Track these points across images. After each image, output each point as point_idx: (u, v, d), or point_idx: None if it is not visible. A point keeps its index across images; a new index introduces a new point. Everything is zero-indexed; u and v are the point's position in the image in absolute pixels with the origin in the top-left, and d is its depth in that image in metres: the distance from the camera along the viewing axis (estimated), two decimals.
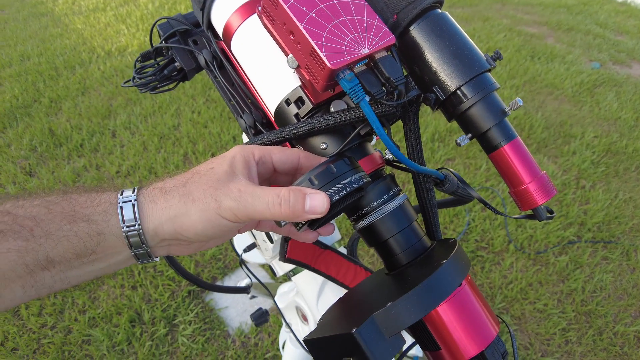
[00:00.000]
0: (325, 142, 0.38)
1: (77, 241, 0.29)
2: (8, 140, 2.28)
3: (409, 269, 0.36)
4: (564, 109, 2.70)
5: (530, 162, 0.37)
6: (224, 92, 0.45)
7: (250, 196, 0.31)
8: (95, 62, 3.03)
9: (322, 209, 0.31)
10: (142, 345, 1.42)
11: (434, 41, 0.37)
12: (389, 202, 0.37)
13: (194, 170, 0.33)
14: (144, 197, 0.32)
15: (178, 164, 2.12)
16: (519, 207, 0.38)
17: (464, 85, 0.36)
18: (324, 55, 0.30)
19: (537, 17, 4.19)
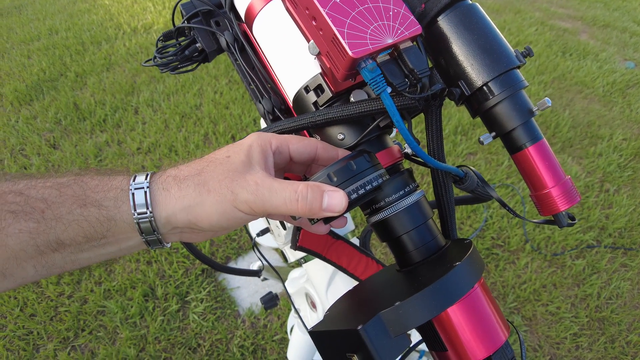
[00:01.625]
0: (343, 133, 0.37)
1: (87, 226, 0.29)
2: (34, 112, 2.33)
3: (421, 268, 0.35)
4: (593, 109, 2.61)
5: (554, 165, 0.36)
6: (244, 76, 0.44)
7: (267, 190, 0.30)
8: (121, 38, 3.06)
9: (340, 208, 0.30)
10: (154, 320, 1.46)
11: (462, 33, 0.35)
12: (405, 198, 0.36)
13: (209, 158, 0.32)
14: (157, 185, 0.31)
15: (198, 143, 2.14)
16: (540, 211, 0.37)
17: (491, 81, 0.35)
18: (346, 43, 0.29)
19: (572, 12, 4.03)
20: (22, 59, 2.80)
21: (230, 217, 0.31)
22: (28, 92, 2.47)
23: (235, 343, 1.41)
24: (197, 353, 1.40)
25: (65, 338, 1.42)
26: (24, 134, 2.17)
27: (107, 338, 1.43)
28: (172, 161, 2.03)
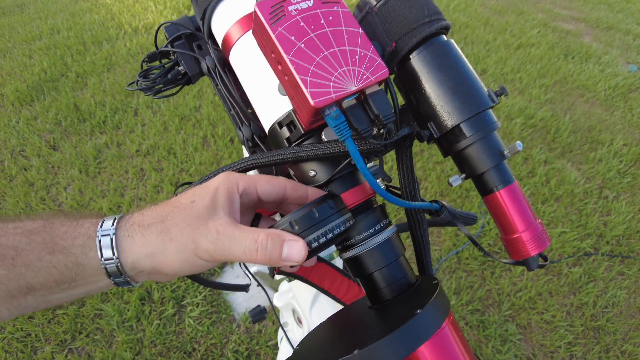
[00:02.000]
0: (315, 170, 0.37)
1: (56, 272, 0.30)
2: (35, 113, 2.35)
3: (391, 306, 0.35)
4: (594, 113, 2.60)
5: (525, 209, 0.36)
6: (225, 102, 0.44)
7: (228, 239, 0.31)
8: (122, 38, 3.07)
9: (299, 258, 0.31)
10: (150, 323, 1.47)
11: (433, 73, 0.35)
12: (377, 236, 0.36)
13: (174, 203, 0.33)
14: (123, 231, 0.32)
15: (197, 146, 2.14)
16: (510, 255, 0.37)
17: (462, 123, 0.35)
18: (308, 93, 0.29)
19: (576, 13, 4.00)
20: (24, 58, 2.81)
21: (192, 264, 0.32)
22: (29, 92, 2.48)
23: (230, 348, 1.42)
24: (192, 357, 1.41)
25: (62, 341, 1.44)
26: (25, 135, 2.18)
27: (103, 341, 1.44)
28: (169, 163, 2.03)
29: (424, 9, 0.35)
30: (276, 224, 0.33)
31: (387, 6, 0.36)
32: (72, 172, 1.99)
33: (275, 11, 0.30)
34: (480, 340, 1.45)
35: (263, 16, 0.30)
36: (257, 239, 0.31)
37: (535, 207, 1.93)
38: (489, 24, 3.55)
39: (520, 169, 2.11)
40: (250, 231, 0.31)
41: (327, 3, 0.32)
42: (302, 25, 0.31)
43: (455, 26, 3.44)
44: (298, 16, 0.31)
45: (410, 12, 0.35)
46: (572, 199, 1.98)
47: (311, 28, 0.31)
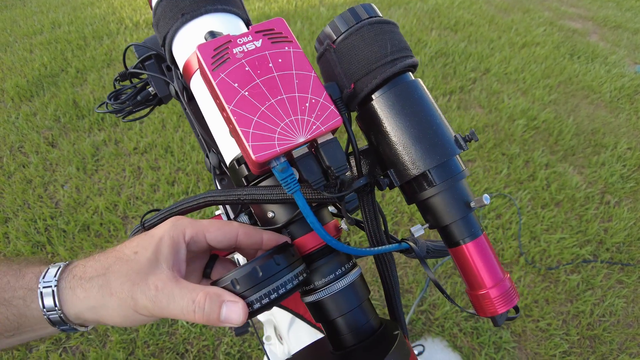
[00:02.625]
0: (273, 212, 0.35)
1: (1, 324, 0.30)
2: (34, 109, 2.34)
3: (354, 353, 0.34)
4: (599, 115, 2.56)
5: (493, 264, 0.33)
6: (193, 127, 0.43)
7: (166, 297, 0.30)
8: (123, 33, 3.05)
9: (238, 320, 0.30)
10: (143, 325, 1.47)
11: (395, 118, 0.32)
12: (339, 281, 0.34)
13: (117, 254, 0.32)
14: (64, 283, 0.32)
15: (194, 145, 2.13)
16: (477, 311, 0.35)
17: (426, 172, 0.33)
18: (250, 146, 0.28)
19: (583, 11, 3.94)
20: (25, 53, 2.80)
21: (132, 319, 0.31)
22: (29, 87, 2.47)
23: (222, 350, 1.41)
24: (184, 358, 1.41)
25: (57, 339, 1.44)
26: (23, 131, 2.18)
27: (97, 341, 1.44)
28: (166, 162, 2.03)
29: (387, 46, 0.33)
30: (220, 279, 0.31)
31: (346, 42, 0.33)
32: (70, 169, 1.99)
33: (218, 54, 0.28)
34: (473, 347, 1.44)
35: (204, 61, 0.28)
36: (195, 299, 0.30)
37: (534, 211, 1.90)
38: (493, 22, 3.50)
39: (521, 172, 2.09)
40: (190, 289, 0.30)
41: (277, 43, 0.30)
42: (247, 69, 0.29)
43: (460, 24, 3.39)
44: (243, 59, 0.29)
45: (371, 49, 0.32)
46: (572, 204, 1.95)
47: (257, 73, 0.29)
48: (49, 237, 1.70)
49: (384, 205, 1.88)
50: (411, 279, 1.60)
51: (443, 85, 2.63)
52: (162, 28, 0.38)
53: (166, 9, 0.37)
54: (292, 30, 3.07)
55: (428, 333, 1.47)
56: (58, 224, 1.75)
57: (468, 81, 2.70)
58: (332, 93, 0.33)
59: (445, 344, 1.45)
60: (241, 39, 0.30)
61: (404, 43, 0.34)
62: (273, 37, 0.30)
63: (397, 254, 1.68)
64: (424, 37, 3.11)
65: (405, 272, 1.63)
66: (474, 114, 2.44)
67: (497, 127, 2.38)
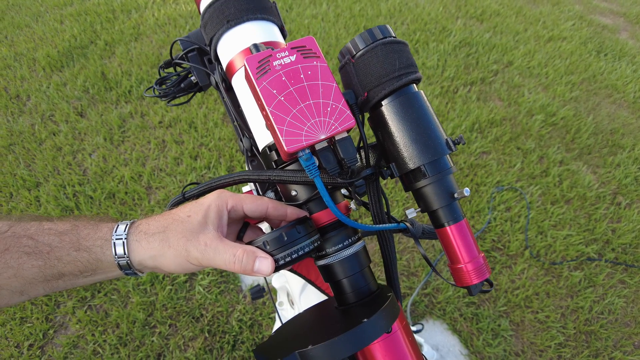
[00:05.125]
0: (296, 190, 0.43)
1: (81, 264, 0.39)
2: (65, 79, 2.44)
3: (353, 309, 0.42)
4: (620, 116, 2.54)
5: (470, 244, 0.41)
6: (229, 113, 0.49)
7: (213, 251, 0.38)
8: (151, 8, 3.10)
9: (267, 272, 0.38)
10: (163, 288, 1.57)
11: (398, 122, 0.40)
12: (345, 250, 0.42)
13: (174, 216, 0.40)
14: (132, 237, 0.40)
15: (217, 121, 2.20)
16: (455, 282, 0.42)
17: (420, 167, 0.40)
18: (283, 140, 0.35)
19: (615, 6, 3.83)
20: (55, 24, 2.89)
21: (184, 267, 0.40)
22: (59, 58, 2.56)
23: (234, 317, 1.51)
24: (199, 322, 1.51)
25: (83, 298, 1.56)
26: (54, 101, 2.28)
27: (119, 301, 1.55)
28: (190, 137, 2.11)
29: (395, 63, 0.40)
30: (255, 240, 0.40)
31: (363, 58, 0.40)
32: (98, 139, 2.09)
33: (262, 65, 0.35)
34: (472, 332, 1.51)
35: (251, 71, 0.35)
36: (236, 254, 0.38)
37: (544, 207, 1.94)
38: (521, 14, 3.45)
39: (535, 167, 2.11)
40: (232, 246, 0.39)
41: (308, 58, 0.37)
42: (283, 79, 0.36)
43: (486, 14, 3.35)
44: (281, 71, 0.36)
45: (382, 66, 0.40)
46: (583, 203, 1.98)
47: (291, 82, 0.36)
48: (77, 202, 1.81)
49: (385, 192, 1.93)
50: (417, 263, 1.67)
51: (464, 76, 2.63)
52: (209, 30, 0.45)
53: (213, 15, 0.44)
54: (320, 11, 3.08)
55: (430, 315, 1.54)
56: (85, 191, 1.86)
57: (490, 73, 2.69)
58: (349, 99, 0.40)
59: (445, 326, 1.52)
60: (279, 53, 0.37)
61: (410, 60, 0.41)
62: (305, 52, 0.37)
63: (397, 236, 1.74)
64: (448, 25, 3.09)
65: (413, 257, 1.69)
66: (493, 107, 2.45)
67: (515, 121, 2.39)
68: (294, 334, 0.42)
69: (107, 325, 1.51)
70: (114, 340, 1.45)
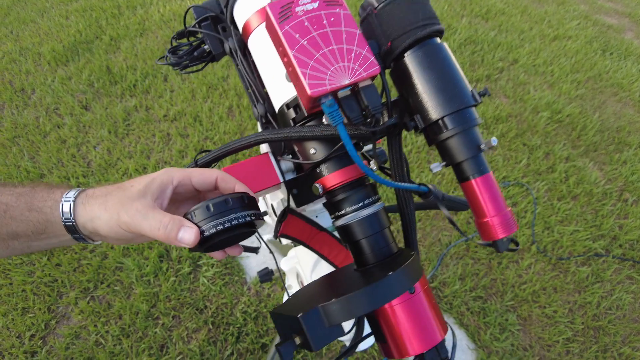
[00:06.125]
0: (315, 148, 0.41)
1: (32, 225, 0.41)
2: (69, 73, 2.44)
3: (373, 269, 0.40)
4: (626, 114, 2.53)
5: (497, 197, 0.39)
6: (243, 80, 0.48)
7: (141, 216, 0.39)
8: (156, 4, 3.11)
9: (190, 242, 0.38)
10: (166, 280, 1.56)
11: (422, 72, 0.38)
12: (364, 209, 0.41)
13: (120, 185, 0.42)
14: (79, 199, 0.41)
15: (222, 115, 2.20)
16: (482, 236, 0.40)
17: (445, 117, 0.38)
18: (307, 84, 0.33)
19: (621, 7, 3.83)
20: (61, 19, 2.89)
21: (115, 231, 0.40)
22: (64, 52, 2.57)
23: (239, 308, 1.50)
24: (203, 314, 1.50)
25: (85, 288, 1.55)
26: (59, 94, 2.28)
27: (122, 292, 1.54)
28: (195, 130, 2.10)
29: (419, 14, 0.39)
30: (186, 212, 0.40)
31: (386, 9, 0.39)
32: (102, 132, 2.08)
33: (284, 11, 0.34)
34: (479, 326, 1.49)
35: (273, 15, 0.34)
36: (162, 220, 0.38)
37: (550, 203, 1.92)
38: (526, 12, 3.44)
39: (541, 163, 2.10)
40: (162, 214, 0.39)
41: (330, 5, 0.36)
42: (306, 24, 0.35)
43: (491, 12, 3.34)
44: (303, 17, 0.35)
45: (406, 16, 0.39)
46: (589, 199, 1.96)
47: (314, 27, 0.35)
48: None
49: None
50: (423, 257, 1.65)
51: (470, 73, 2.62)
52: None
53: None
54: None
55: None
56: (89, 183, 1.85)
57: (495, 70, 2.69)
58: (372, 49, 0.38)
59: (452, 320, 1.50)
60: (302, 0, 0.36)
61: (433, 13, 0.40)
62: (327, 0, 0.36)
63: None
64: (454, 24, 3.08)
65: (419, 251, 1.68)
66: (499, 103, 2.44)
67: (521, 117, 2.38)
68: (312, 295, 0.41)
69: (110, 316, 1.50)
70: (116, 331, 1.44)
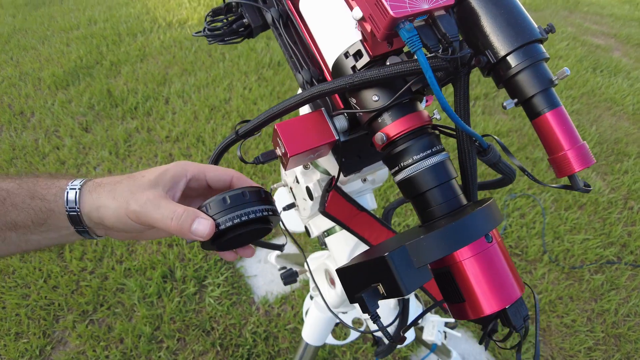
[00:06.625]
0: (378, 95, 0.40)
1: (34, 213, 0.37)
2: (70, 96, 2.43)
3: (442, 221, 0.37)
4: (622, 126, 2.57)
5: (571, 130, 0.38)
6: (286, 49, 0.47)
7: (153, 206, 0.36)
8: (156, 31, 3.16)
9: (205, 234, 0.36)
10: (170, 300, 1.50)
11: (489, 8, 0.38)
12: (430, 158, 0.39)
13: (131, 175, 0.39)
14: (86, 187, 0.38)
15: (225, 135, 2.19)
16: (556, 173, 0.39)
17: (514, 51, 0.38)
18: (388, 5, 0.32)
19: (606, 28, 3.97)
20: (62, 46, 2.92)
21: (122, 221, 0.37)
22: (65, 77, 2.57)
23: (248, 329, 1.44)
24: (210, 336, 1.43)
25: (84, 311, 1.48)
26: (59, 117, 2.27)
27: (124, 314, 1.47)
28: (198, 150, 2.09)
29: None
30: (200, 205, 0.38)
31: None
32: (103, 153, 2.05)
33: None
34: None
35: None
36: (175, 211, 0.36)
37: (558, 213, 1.91)
38: None
39: (545, 175, 2.10)
40: (175, 204, 0.36)
41: None
42: None
43: None
44: None
45: None
46: (596, 208, 1.96)
47: None
48: None
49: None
50: None
51: None
52: None
53: None
54: None
55: None
56: None
57: (492, 89, 2.73)
58: None
59: (470, 334, 1.45)
60: None
61: None
62: None
63: None
64: None
65: None
66: (499, 119, 2.47)
67: (521, 132, 2.40)
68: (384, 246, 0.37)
69: (110, 340, 1.42)
70: (117, 356, 1.36)
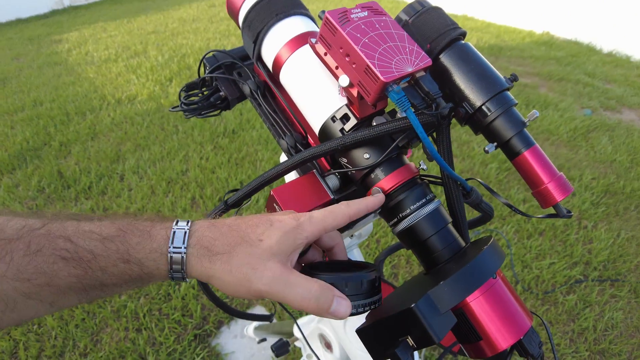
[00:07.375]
0: (369, 153, 0.42)
1: (129, 277, 0.34)
2: (16, 181, 2.32)
3: (448, 265, 0.39)
4: (561, 153, 2.78)
5: (548, 165, 0.42)
6: (267, 117, 0.49)
7: (283, 284, 0.34)
8: (106, 109, 3.14)
9: (345, 315, 0.34)
10: None
11: (461, 66, 0.43)
12: (426, 206, 0.41)
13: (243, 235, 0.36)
14: (192, 250, 0.35)
15: (186, 207, 2.14)
16: (541, 205, 0.42)
17: (488, 101, 0.42)
18: (378, 71, 0.35)
19: (530, 69, 4.41)
20: (5, 129, 2.82)
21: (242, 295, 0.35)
22: (10, 160, 2.46)
23: None
24: None
25: None
26: (5, 202, 2.13)
27: None
28: None
29: (447, 20, 0.45)
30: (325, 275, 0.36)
31: (419, 19, 0.45)
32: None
33: (341, 17, 0.39)
34: None
35: (334, 20, 0.38)
36: (312, 289, 0.34)
37: (521, 242, 1.99)
38: None
39: (502, 209, 2.20)
40: (304, 279, 0.34)
41: (377, 14, 0.41)
42: (363, 27, 0.39)
43: None
44: (359, 21, 0.39)
45: (438, 22, 0.45)
46: (554, 232, 2.06)
47: (370, 29, 0.39)
48: None
49: (383, 235, 1.91)
50: None
51: None
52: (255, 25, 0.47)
53: (261, 11, 0.48)
54: None
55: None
56: None
57: None
58: None
59: None
60: (353, 9, 0.40)
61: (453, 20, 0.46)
62: (373, 11, 0.41)
63: None
64: None
65: None
66: None
67: (472, 171, 2.54)
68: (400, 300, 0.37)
69: None
70: None
